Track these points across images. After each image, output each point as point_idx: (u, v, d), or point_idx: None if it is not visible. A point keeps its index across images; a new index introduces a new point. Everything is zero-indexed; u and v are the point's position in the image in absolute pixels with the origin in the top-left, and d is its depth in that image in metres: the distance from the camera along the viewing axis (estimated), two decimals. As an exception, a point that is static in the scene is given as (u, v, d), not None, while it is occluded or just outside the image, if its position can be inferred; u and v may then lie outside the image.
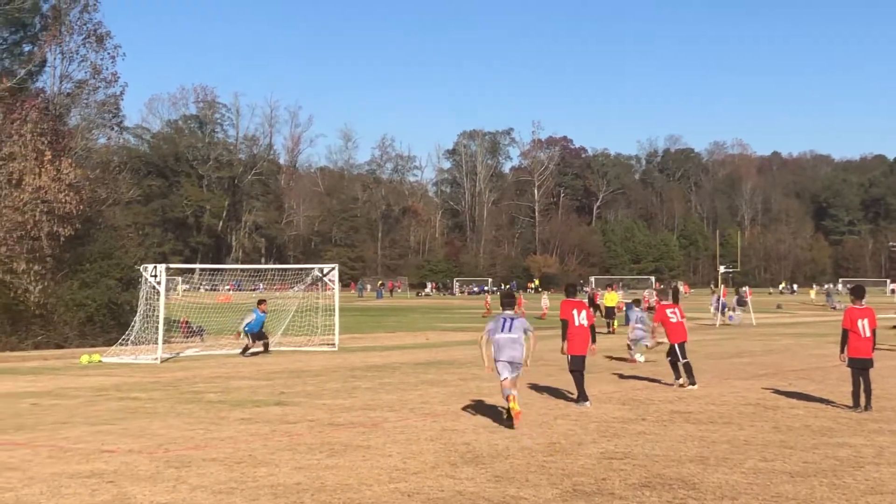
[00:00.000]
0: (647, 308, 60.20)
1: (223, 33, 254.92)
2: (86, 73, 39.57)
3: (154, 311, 26.98)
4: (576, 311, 16.19)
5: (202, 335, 33.96)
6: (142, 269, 28.14)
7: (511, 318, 14.11)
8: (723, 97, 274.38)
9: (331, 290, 32.83)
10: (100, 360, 26.06)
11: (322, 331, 31.82)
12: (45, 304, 31.45)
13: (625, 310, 35.50)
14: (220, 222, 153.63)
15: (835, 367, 20.59)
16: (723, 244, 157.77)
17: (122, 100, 41.71)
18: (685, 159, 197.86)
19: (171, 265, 32.60)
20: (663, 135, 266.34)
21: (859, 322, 15.17)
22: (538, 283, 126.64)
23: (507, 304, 14.57)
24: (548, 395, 17.47)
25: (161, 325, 26.31)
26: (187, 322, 34.58)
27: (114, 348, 27.54)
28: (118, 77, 39.81)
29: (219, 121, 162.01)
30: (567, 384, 19.48)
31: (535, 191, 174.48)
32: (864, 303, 15.62)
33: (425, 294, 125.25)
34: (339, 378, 21.06)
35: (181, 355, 28.04)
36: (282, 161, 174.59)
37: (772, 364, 24.24)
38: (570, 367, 16.31)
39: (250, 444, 12.29)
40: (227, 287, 53.64)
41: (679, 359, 18.94)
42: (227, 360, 26.80)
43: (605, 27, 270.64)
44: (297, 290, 34.18)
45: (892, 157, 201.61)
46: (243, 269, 51.27)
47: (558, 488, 9.61)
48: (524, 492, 9.45)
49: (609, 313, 41.90)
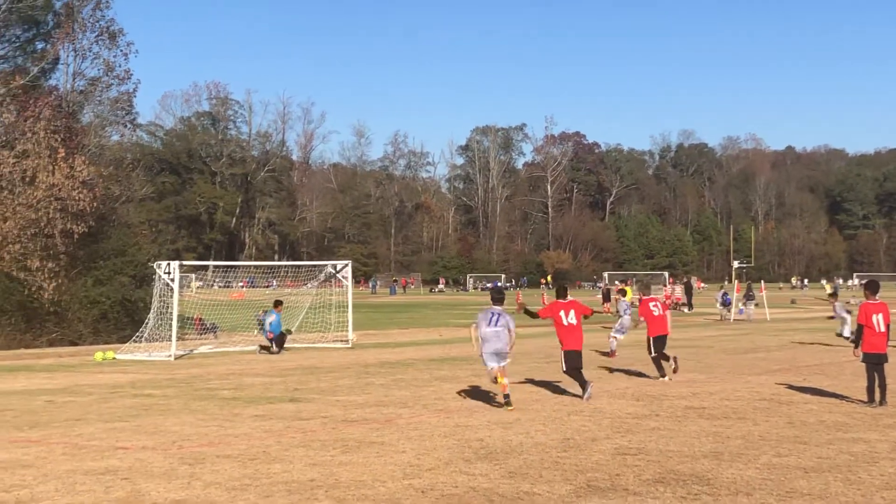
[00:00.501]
0: (673, 304, 60.54)
1: (236, 30, 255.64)
2: (99, 70, 39.65)
3: (168, 308, 27.04)
4: (563, 312, 16.36)
5: (216, 332, 34.03)
6: (155, 266, 28.17)
7: (498, 314, 15.23)
8: (736, 92, 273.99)
9: (342, 286, 32.83)
10: (114, 358, 26.14)
11: (335, 327, 31.84)
12: (60, 302, 31.54)
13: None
14: (234, 219, 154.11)
15: (849, 362, 20.53)
16: (737, 239, 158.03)
17: (135, 97, 41.73)
18: (699, 154, 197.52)
19: (185, 262, 32.63)
20: (676, 130, 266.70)
21: (874, 317, 15.09)
22: (550, 279, 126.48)
23: (497, 299, 15.70)
24: (560, 391, 17.43)
25: (175, 322, 26.39)
26: (201, 319, 34.64)
27: (128, 345, 27.60)
28: (131, 74, 39.89)
29: (231, 117, 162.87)
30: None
31: (549, 186, 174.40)
32: (878, 298, 15.55)
33: (438, 290, 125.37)
34: (352, 374, 21.09)
35: (195, 352, 28.12)
36: (295, 158, 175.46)
37: (786, 359, 24.15)
38: (567, 366, 16.24)
39: (264, 440, 12.31)
40: (240, 284, 53.91)
41: (650, 351, 19.39)
42: (240, 356, 26.86)
43: (618, 21, 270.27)
44: (310, 286, 34.20)
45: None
46: (257, 266, 51.45)
47: (572, 484, 9.59)
48: (538, 488, 9.44)
49: None
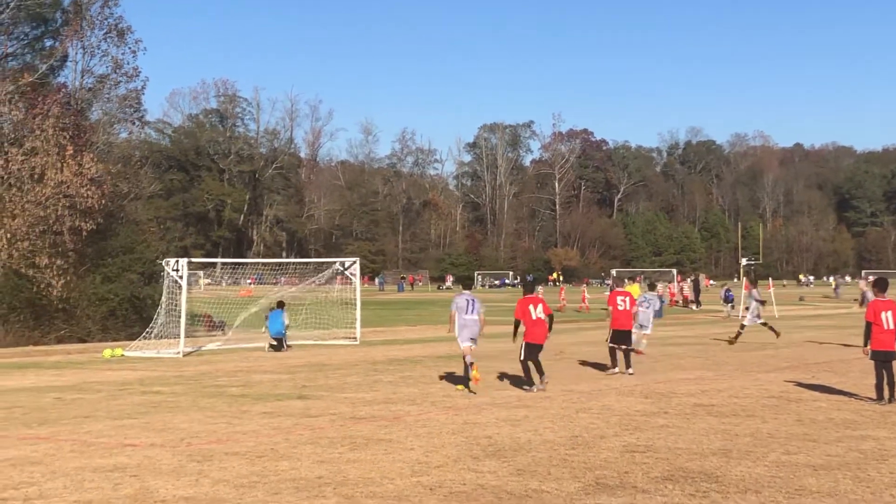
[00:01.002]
0: (686, 300, 60.54)
1: (243, 27, 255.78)
2: (107, 67, 39.76)
3: (176, 305, 27.06)
4: (531, 307, 17.10)
5: (224, 329, 34.04)
6: (164, 263, 28.18)
7: (472, 300, 17.10)
8: (744, 89, 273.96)
9: (349, 283, 32.81)
10: (122, 355, 26.18)
11: (343, 324, 31.83)
12: (68, 299, 31.58)
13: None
14: (242, 216, 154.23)
15: (858, 359, 20.47)
16: (745, 236, 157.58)
17: (143, 94, 41.92)
18: (706, 151, 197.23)
19: (193, 259, 32.61)
20: (684, 127, 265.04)
21: (882, 314, 15.05)
22: (558, 276, 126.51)
23: (466, 286, 18.43)
24: (569, 388, 17.41)
25: (183, 320, 26.40)
26: (209, 316, 34.66)
27: (136, 342, 27.61)
28: (139, 71, 40.03)
29: (239, 115, 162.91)
30: (586, 372, 19.44)
31: (556, 183, 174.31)
32: (886, 295, 15.51)
33: (446, 287, 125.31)
34: (360, 372, 21.08)
35: (203, 349, 28.14)
36: (302, 155, 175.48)
37: (794, 356, 24.09)
38: (524, 357, 16.91)
39: (272, 437, 12.31)
40: (248, 281, 53.92)
41: (608, 340, 19.86)
42: (249, 354, 26.85)
43: (626, 18, 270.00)
44: (317, 283, 34.19)
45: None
46: (265, 263, 51.43)
47: (581, 481, 9.58)
48: (546, 485, 9.43)
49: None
